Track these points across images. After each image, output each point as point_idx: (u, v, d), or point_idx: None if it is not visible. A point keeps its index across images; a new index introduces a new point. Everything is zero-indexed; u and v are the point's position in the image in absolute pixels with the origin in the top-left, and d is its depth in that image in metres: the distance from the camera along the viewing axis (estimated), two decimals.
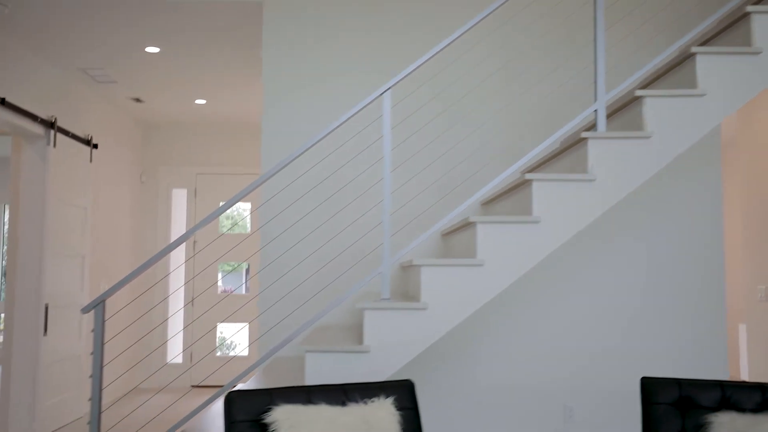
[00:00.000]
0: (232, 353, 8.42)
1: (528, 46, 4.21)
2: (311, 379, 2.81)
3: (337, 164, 4.14)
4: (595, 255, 4.07)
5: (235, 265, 8.11)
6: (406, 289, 3.96)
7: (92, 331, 2.89)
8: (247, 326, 7.60)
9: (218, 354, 7.57)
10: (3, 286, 9.22)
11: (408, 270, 3.58)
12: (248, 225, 7.71)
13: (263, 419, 2.32)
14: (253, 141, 7.64)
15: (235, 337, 10.05)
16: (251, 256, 7.58)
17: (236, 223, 7.78)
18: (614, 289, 4.03)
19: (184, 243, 7.71)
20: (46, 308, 5.13)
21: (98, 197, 6.25)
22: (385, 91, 2.93)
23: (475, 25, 2.92)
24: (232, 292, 7.86)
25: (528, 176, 2.84)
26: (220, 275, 7.64)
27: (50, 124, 5.17)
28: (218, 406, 6.25)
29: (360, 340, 3.02)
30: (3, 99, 4.51)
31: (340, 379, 2.80)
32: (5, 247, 7.98)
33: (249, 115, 7.11)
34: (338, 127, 2.95)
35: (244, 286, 7.68)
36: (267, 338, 4.03)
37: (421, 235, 2.88)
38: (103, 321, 2.85)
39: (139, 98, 6.42)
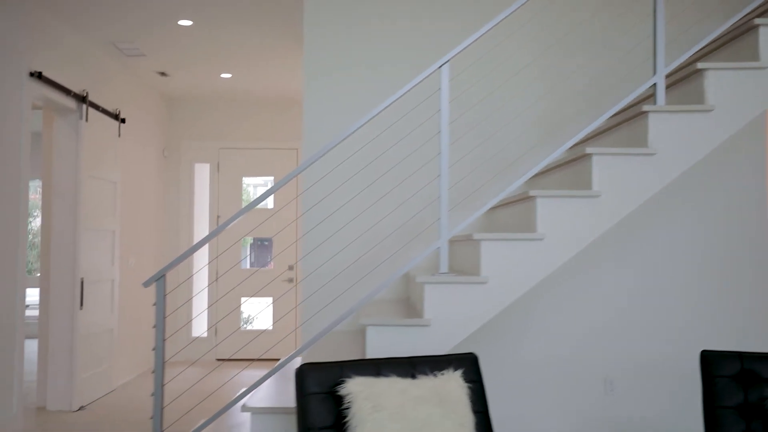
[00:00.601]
0: (250, 327, 8.48)
1: (578, 24, 4.16)
2: (371, 353, 2.83)
3: (376, 141, 4.12)
4: (644, 229, 4.06)
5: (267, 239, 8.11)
6: (451, 263, 3.97)
7: (154, 304, 2.91)
8: (272, 301, 7.64)
9: (242, 329, 7.62)
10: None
11: (456, 244, 3.58)
12: (271, 201, 7.71)
13: (337, 391, 2.34)
14: (278, 115, 7.60)
15: (258, 312, 10.11)
16: (278, 233, 7.60)
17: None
18: (661, 264, 4.03)
19: (208, 219, 7.72)
20: (82, 282, 5.16)
21: (124, 172, 6.25)
22: (443, 64, 2.91)
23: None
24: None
25: (589, 150, 2.83)
26: (249, 250, 7.65)
27: (82, 98, 5.15)
28: (244, 376, 6.30)
29: (408, 313, 3.04)
30: (40, 73, 4.48)
31: (399, 352, 2.82)
32: (39, 222, 7.97)
33: (275, 90, 7.07)
34: (394, 101, 2.93)
35: (271, 261, 7.68)
36: (311, 313, 4.05)
37: (479, 209, 2.88)
38: (164, 294, 2.87)
39: (165, 72, 6.38)
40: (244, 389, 3.10)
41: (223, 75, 6.49)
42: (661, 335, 4.00)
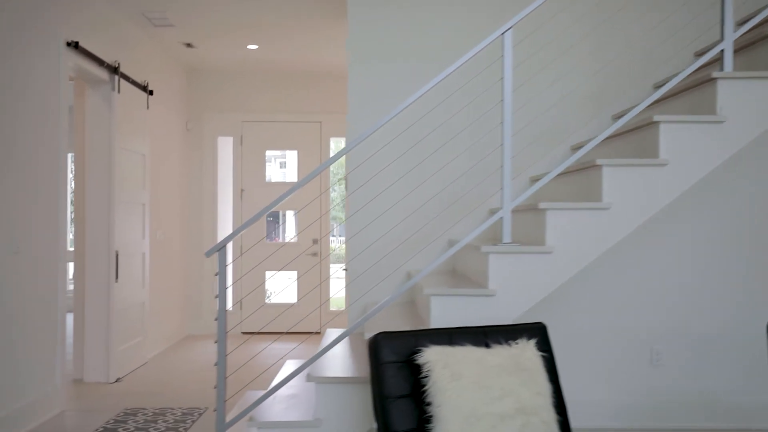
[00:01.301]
0: (273, 301, 8.50)
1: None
2: (435, 323, 2.81)
3: (421, 115, 4.06)
4: (703, 200, 4.01)
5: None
6: (494, 232, 3.94)
7: (216, 275, 2.89)
8: (296, 274, 7.63)
9: (267, 302, 7.64)
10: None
11: (513, 214, 3.54)
12: (295, 174, 7.66)
13: (415, 360, 2.32)
14: (302, 88, 7.52)
15: (280, 286, 10.11)
16: (305, 207, 7.57)
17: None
18: (711, 236, 3.99)
19: (231, 192, 7.69)
20: (117, 256, 5.15)
21: (151, 145, 6.20)
22: (506, 31, 2.85)
23: None
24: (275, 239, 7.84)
25: (657, 117, 2.78)
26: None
27: (114, 69, 5.09)
28: (275, 349, 6.32)
29: (455, 284, 3.01)
30: (76, 43, 4.42)
31: (463, 322, 2.81)
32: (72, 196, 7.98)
33: (302, 62, 6.97)
34: (455, 70, 2.87)
35: (295, 235, 7.65)
36: (357, 285, 4.04)
37: (543, 178, 2.84)
38: (225, 265, 2.85)
39: (191, 43, 6.29)
40: (303, 360, 3.09)
41: (250, 46, 6.41)
42: (717, 308, 3.98)
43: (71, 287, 8.88)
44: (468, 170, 4.07)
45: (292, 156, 7.58)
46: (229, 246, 7.88)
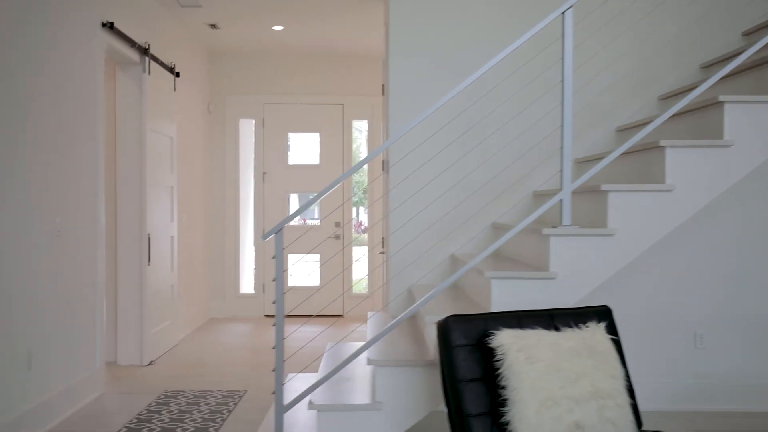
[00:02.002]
0: (294, 284, 8.49)
1: None
2: (496, 306, 2.79)
3: (463, 98, 4.01)
4: (743, 180, 3.96)
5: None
6: (544, 217, 3.91)
7: (273, 257, 2.87)
8: (318, 257, 7.62)
9: (289, 285, 7.62)
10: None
11: (548, 197, 3.51)
12: (317, 157, 7.62)
13: (489, 343, 2.31)
14: (326, 70, 7.45)
15: (303, 270, 10.09)
16: (327, 191, 7.53)
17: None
18: (756, 219, 3.95)
19: (252, 174, 7.65)
20: (149, 238, 5.13)
21: (178, 128, 6.16)
22: (566, 10, 2.80)
23: None
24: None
25: (722, 98, 2.74)
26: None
27: (144, 51, 5.03)
28: (303, 332, 6.31)
29: (498, 267, 2.98)
30: (111, 23, 4.37)
31: (525, 305, 2.79)
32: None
33: (327, 43, 6.90)
34: (513, 50, 2.82)
35: (318, 218, 7.61)
36: (399, 269, 4.01)
37: (606, 157, 2.80)
38: (283, 247, 2.82)
39: (216, 24, 6.23)
40: (362, 343, 3.08)
41: (275, 27, 6.34)
42: (760, 292, 3.95)
43: None
44: (504, 152, 4.03)
45: (300, 138, 7.55)
46: (250, 229, 7.87)
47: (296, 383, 3.83)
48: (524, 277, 2.77)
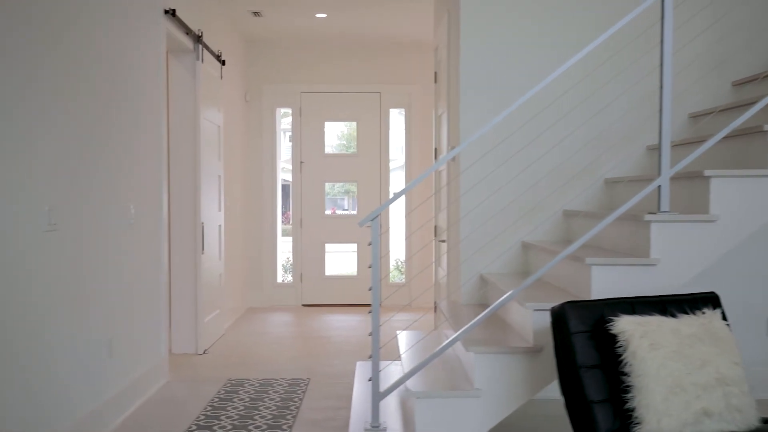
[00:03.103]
0: (331, 273, 8.48)
1: None
2: (596, 293, 2.77)
3: (539, 83, 3.98)
4: None
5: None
6: (610, 203, 3.88)
7: (369, 244, 2.85)
8: (356, 246, 7.62)
9: (326, 274, 7.62)
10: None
11: (620, 185, 3.49)
12: (355, 146, 7.59)
13: (610, 329, 2.29)
14: (363, 57, 7.41)
15: (341, 258, 10.06)
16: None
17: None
18: None
19: (291, 164, 7.63)
20: (203, 227, 5.12)
21: (224, 116, 6.13)
22: None
23: None
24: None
25: None
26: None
27: (198, 38, 5.00)
28: (334, 320, 6.32)
29: (589, 254, 2.96)
30: (173, 10, 4.33)
31: (623, 292, 2.77)
32: None
33: (371, 31, 6.84)
34: (610, 34, 2.78)
35: (354, 207, 7.62)
36: (468, 255, 3.99)
37: (708, 141, 2.77)
38: (379, 234, 2.80)
39: (260, 12, 6.19)
40: (457, 331, 3.06)
41: (318, 15, 6.30)
42: None
43: None
44: (573, 138, 3.99)
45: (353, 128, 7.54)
46: (277, 218, 7.85)
47: (370, 371, 3.82)
48: (625, 264, 2.75)
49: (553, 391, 3.75)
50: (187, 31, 4.73)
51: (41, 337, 2.74)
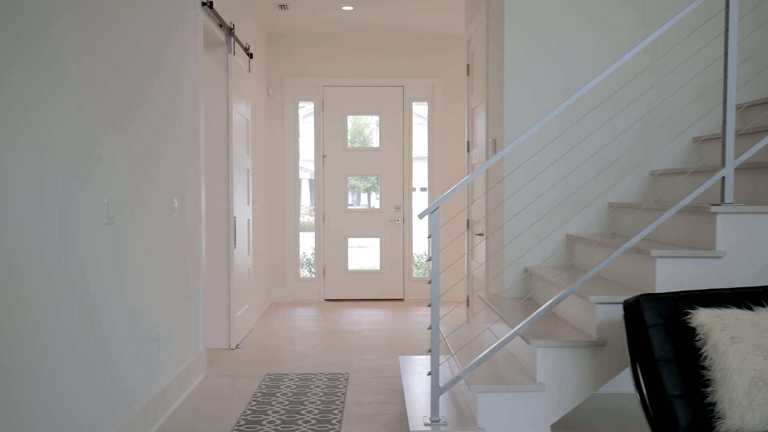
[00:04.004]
0: (354, 268, 8.45)
1: None
2: (661, 286, 2.74)
3: (585, 77, 3.93)
4: None
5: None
6: (655, 195, 3.84)
7: (428, 237, 2.81)
8: (379, 240, 7.58)
9: (349, 269, 7.59)
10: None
11: (665, 177, 3.45)
12: (377, 140, 7.55)
13: (689, 322, 2.25)
14: (385, 51, 7.35)
15: (364, 252, 10.01)
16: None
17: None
18: None
19: (313, 158, 7.59)
20: (235, 222, 5.09)
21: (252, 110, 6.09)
22: None
23: None
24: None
25: None
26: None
27: (230, 30, 4.96)
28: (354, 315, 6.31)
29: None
30: (211, 2, 4.29)
31: (688, 285, 2.73)
32: None
33: (397, 24, 6.79)
34: (671, 25, 2.74)
35: (375, 201, 7.59)
36: (511, 250, 3.96)
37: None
38: (438, 227, 2.77)
39: (286, 5, 6.14)
40: (509, 324, 3.03)
41: (345, 8, 6.25)
42: None
43: None
44: (618, 131, 3.95)
45: (376, 122, 7.52)
46: (292, 211, 7.80)
47: (414, 365, 3.79)
48: (691, 257, 2.71)
49: (610, 385, 3.72)
50: (221, 23, 4.69)
51: (101, 330, 2.71)
